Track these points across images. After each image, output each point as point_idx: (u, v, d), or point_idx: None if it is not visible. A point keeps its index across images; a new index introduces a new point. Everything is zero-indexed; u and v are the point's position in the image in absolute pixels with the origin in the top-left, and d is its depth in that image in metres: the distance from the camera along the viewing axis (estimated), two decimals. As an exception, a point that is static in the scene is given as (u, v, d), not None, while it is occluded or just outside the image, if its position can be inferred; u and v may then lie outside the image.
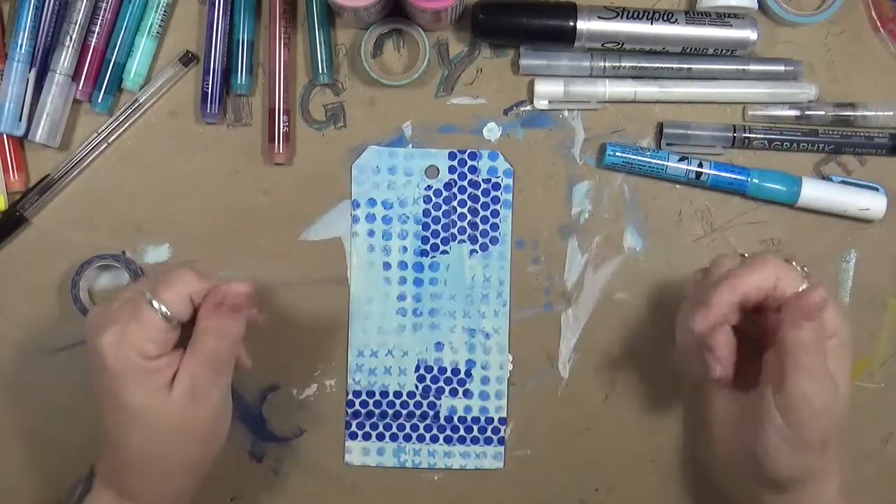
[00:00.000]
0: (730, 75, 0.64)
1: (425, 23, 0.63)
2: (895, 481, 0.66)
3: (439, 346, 0.64)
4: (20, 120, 0.62)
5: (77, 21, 0.62)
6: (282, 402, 0.65)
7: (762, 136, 0.64)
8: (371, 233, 0.61)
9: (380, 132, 0.65)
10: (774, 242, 0.65)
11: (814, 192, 0.63)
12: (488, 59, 0.65)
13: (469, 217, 0.62)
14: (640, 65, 0.64)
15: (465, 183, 0.62)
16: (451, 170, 0.62)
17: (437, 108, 0.65)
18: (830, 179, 0.64)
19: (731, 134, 0.64)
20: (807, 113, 0.64)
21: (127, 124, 0.64)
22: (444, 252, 0.62)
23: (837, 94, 0.65)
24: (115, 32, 0.63)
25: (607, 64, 0.64)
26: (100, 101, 0.63)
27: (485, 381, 0.64)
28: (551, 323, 0.65)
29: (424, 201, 0.62)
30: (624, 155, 0.63)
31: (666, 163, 0.63)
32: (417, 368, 0.64)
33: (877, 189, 0.64)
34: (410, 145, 0.65)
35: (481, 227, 0.63)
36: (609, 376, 0.66)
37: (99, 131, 0.64)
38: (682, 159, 0.64)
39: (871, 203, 0.63)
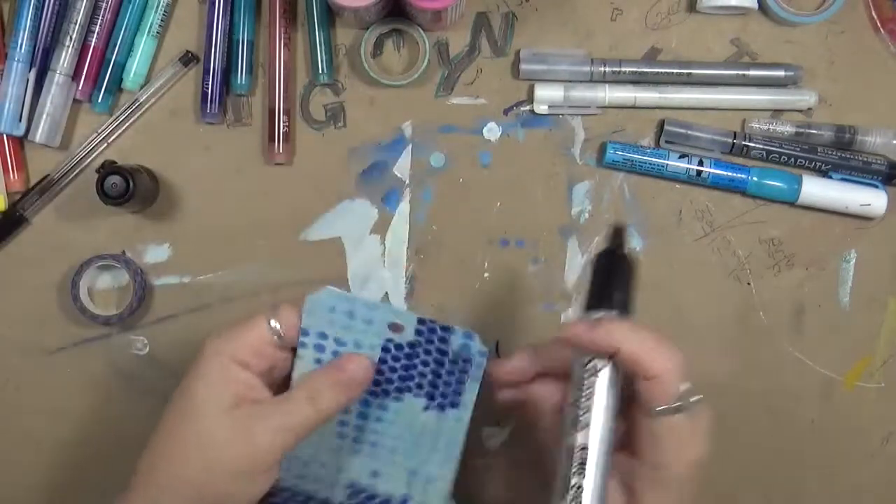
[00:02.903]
0: (730, 80, 0.65)
1: (425, 23, 0.63)
2: (895, 481, 0.66)
3: (375, 474, 0.55)
4: (20, 120, 0.62)
5: (77, 21, 0.62)
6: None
7: (761, 146, 0.64)
8: (318, 361, 0.51)
9: (380, 132, 0.65)
10: (774, 242, 0.65)
11: (814, 189, 0.63)
12: (488, 59, 0.65)
13: (429, 377, 0.53)
14: (640, 70, 0.64)
15: (431, 349, 0.52)
16: (419, 333, 0.51)
17: (437, 108, 0.65)
18: (830, 177, 0.64)
19: (730, 140, 0.64)
20: (806, 132, 0.64)
21: (127, 124, 0.64)
22: (397, 399, 0.53)
23: (837, 95, 0.65)
24: (115, 32, 0.63)
25: (607, 69, 0.64)
26: (100, 101, 0.63)
27: None
28: (551, 323, 0.65)
29: (383, 349, 0.51)
30: (625, 153, 0.63)
31: (666, 161, 0.63)
32: (350, 486, 0.55)
33: (877, 186, 0.64)
34: (410, 145, 0.65)
35: (441, 388, 0.53)
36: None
37: (99, 131, 0.64)
38: (682, 157, 0.64)
39: (872, 199, 0.64)
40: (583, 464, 0.44)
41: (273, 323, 0.49)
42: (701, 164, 0.64)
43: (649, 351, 0.44)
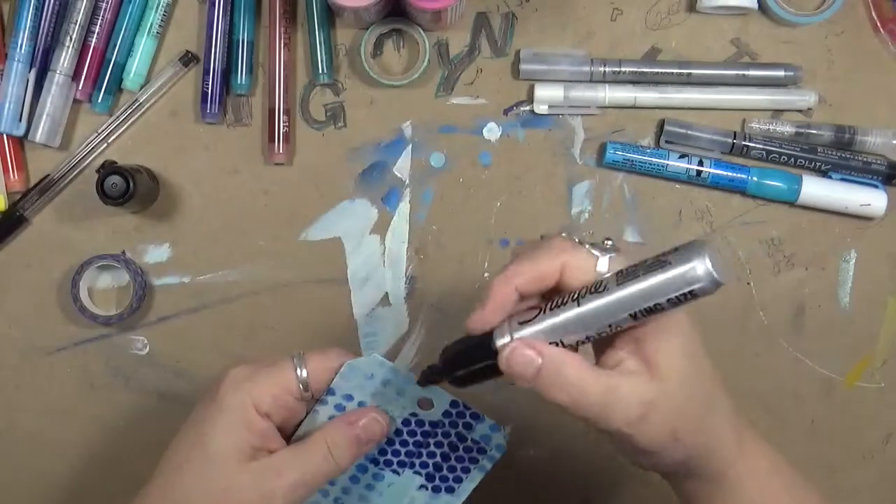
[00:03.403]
0: (729, 80, 0.65)
1: (425, 23, 0.63)
2: (895, 481, 0.66)
3: None
4: (20, 120, 0.62)
5: (77, 21, 0.62)
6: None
7: (761, 146, 0.64)
8: (331, 417, 0.51)
9: (380, 132, 0.65)
10: (774, 242, 0.65)
11: (814, 189, 0.63)
12: (488, 59, 0.65)
13: (437, 458, 0.53)
14: (640, 70, 0.64)
15: (451, 432, 0.52)
16: (446, 414, 0.51)
17: (437, 108, 0.65)
18: (830, 177, 0.64)
19: (730, 140, 0.64)
20: (806, 132, 0.64)
21: (127, 124, 0.64)
22: (395, 472, 0.53)
23: (837, 95, 0.65)
24: (115, 32, 0.63)
25: (607, 69, 0.64)
26: (100, 101, 0.63)
27: None
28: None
29: (403, 423, 0.52)
30: (625, 153, 0.63)
31: (666, 161, 0.63)
32: None
33: (877, 186, 0.64)
34: (410, 145, 0.65)
35: (444, 471, 0.53)
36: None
37: (99, 131, 0.64)
38: (682, 157, 0.64)
39: (872, 199, 0.64)
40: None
41: (301, 373, 0.49)
42: (701, 164, 0.64)
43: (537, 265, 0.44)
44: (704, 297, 0.39)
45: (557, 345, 0.43)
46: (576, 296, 0.42)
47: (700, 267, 0.39)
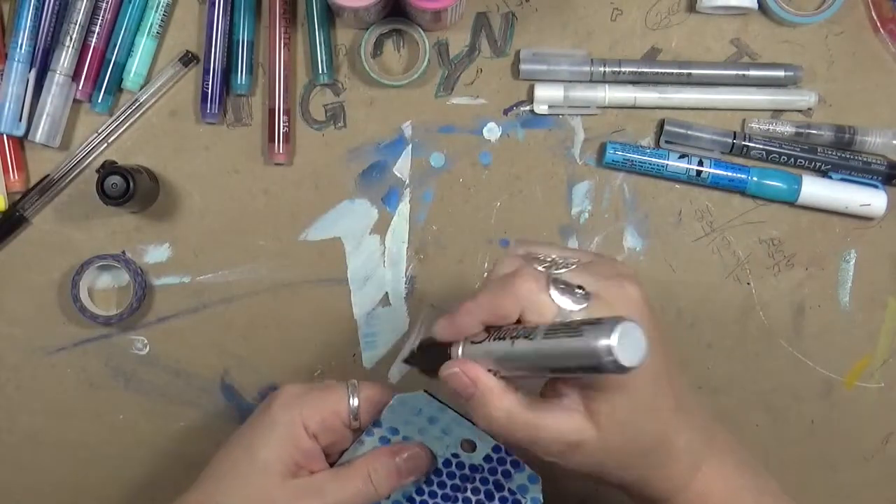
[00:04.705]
0: (729, 80, 0.65)
1: (425, 23, 0.63)
2: (895, 481, 0.66)
3: None
4: (20, 120, 0.62)
5: (77, 21, 0.62)
6: (282, 402, 0.65)
7: (761, 146, 0.64)
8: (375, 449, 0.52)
9: (380, 132, 0.65)
10: (774, 242, 0.65)
11: (814, 189, 0.63)
12: (488, 59, 0.65)
13: None
14: (640, 70, 0.64)
15: (490, 479, 0.52)
16: (487, 459, 0.51)
17: (437, 108, 0.65)
18: (830, 177, 0.64)
19: (730, 140, 0.64)
20: (806, 132, 0.64)
21: (127, 124, 0.64)
22: None
23: (837, 95, 0.65)
24: (115, 32, 0.63)
25: (607, 69, 0.64)
26: (100, 101, 0.63)
27: None
28: (551, 323, 0.65)
29: (444, 464, 0.52)
30: (624, 153, 0.64)
31: (666, 161, 0.63)
32: None
33: (877, 186, 0.64)
34: (410, 145, 0.65)
35: None
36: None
37: (99, 131, 0.64)
38: (682, 157, 0.64)
39: (872, 199, 0.64)
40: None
41: (353, 401, 0.50)
42: (701, 164, 0.64)
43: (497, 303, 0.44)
44: (616, 373, 0.39)
45: (495, 374, 0.44)
46: (515, 333, 0.43)
47: (604, 349, 0.37)
